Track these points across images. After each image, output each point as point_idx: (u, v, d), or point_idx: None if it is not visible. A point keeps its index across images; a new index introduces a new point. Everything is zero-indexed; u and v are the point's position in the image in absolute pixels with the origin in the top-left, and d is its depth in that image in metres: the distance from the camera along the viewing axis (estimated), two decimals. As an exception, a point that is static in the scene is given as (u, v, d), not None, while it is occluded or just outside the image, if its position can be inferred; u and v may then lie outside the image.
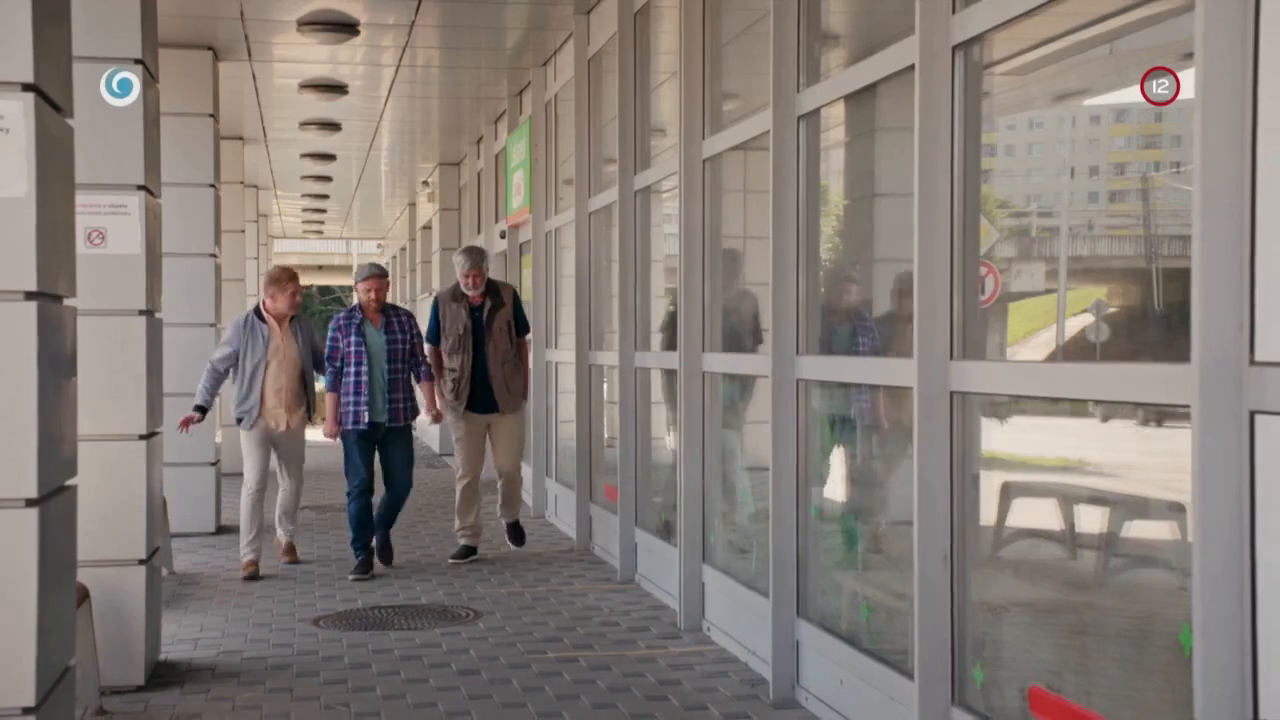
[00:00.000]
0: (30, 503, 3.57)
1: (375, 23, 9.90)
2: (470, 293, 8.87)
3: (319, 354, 8.59)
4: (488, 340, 8.80)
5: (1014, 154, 4.65)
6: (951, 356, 4.25)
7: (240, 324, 8.48)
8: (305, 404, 8.58)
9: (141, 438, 5.91)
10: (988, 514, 4.37)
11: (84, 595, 5.34)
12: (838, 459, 5.76)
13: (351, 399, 8.40)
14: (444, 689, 5.81)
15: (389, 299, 8.83)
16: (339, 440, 8.58)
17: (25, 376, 3.57)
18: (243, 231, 15.33)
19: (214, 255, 10.51)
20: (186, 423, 8.21)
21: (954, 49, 4.20)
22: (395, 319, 8.58)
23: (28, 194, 3.57)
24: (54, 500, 3.76)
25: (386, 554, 8.81)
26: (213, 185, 10.55)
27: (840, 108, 5.52)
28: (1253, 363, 2.86)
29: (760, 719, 5.34)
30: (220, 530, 10.35)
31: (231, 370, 8.47)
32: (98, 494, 5.38)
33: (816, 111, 5.51)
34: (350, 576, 8.40)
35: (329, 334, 8.53)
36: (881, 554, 5.34)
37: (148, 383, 5.95)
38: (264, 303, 8.56)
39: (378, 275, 8.67)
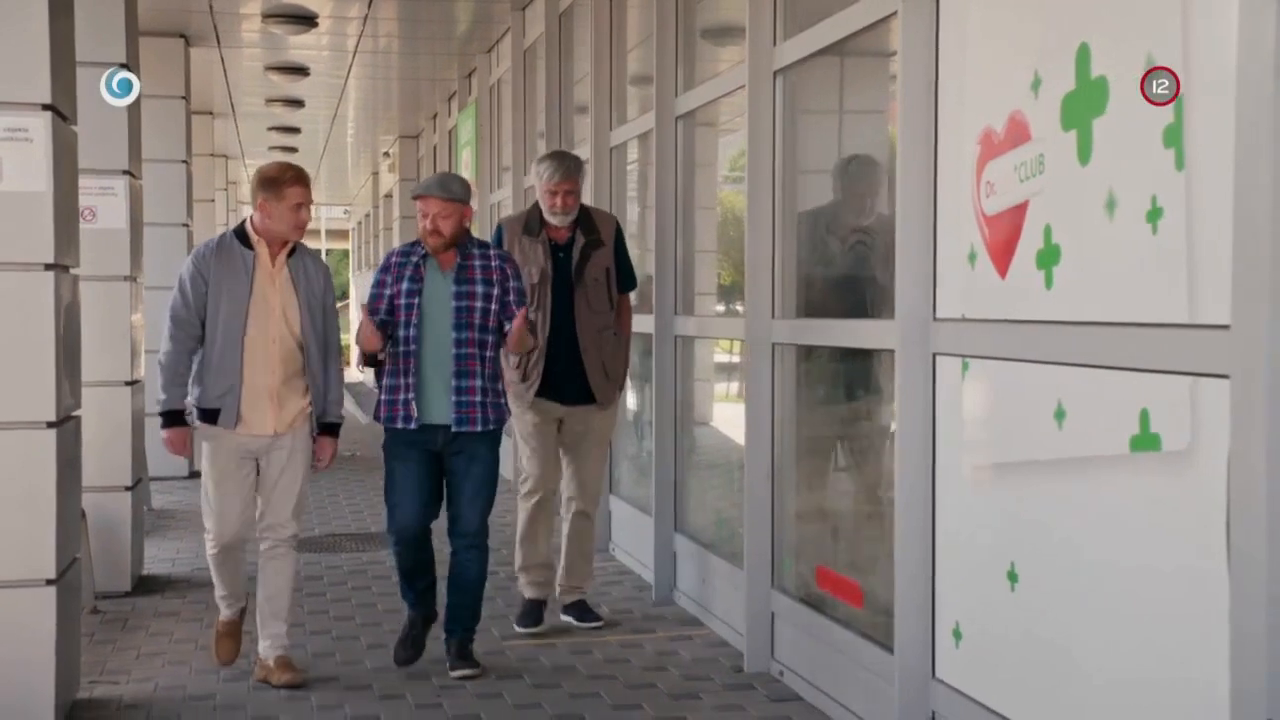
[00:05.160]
0: (50, 424, 4.69)
1: (334, 15, 10.91)
2: (555, 220, 5.87)
3: (331, 316, 5.25)
4: (577, 295, 5.87)
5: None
6: (773, 315, 5.37)
7: (209, 253, 5.09)
8: (306, 397, 5.17)
9: (127, 384, 7.02)
10: (803, 444, 5.51)
11: (81, 514, 6.40)
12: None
13: (397, 384, 5.25)
14: (384, 594, 6.93)
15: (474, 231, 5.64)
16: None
17: (45, 329, 4.68)
18: (213, 200, 16.28)
19: (186, 225, 11.51)
20: (177, 445, 5.23)
21: (775, 73, 5.30)
22: (481, 261, 5.32)
23: (46, 188, 4.66)
24: (66, 425, 4.87)
25: (464, 660, 5.41)
26: (185, 161, 11.52)
27: (710, 108, 6.64)
28: (935, 319, 4.00)
29: (641, 614, 6.48)
30: (193, 475, 11.37)
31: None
32: (92, 430, 6.23)
33: (691, 113, 6.61)
34: (395, 658, 5.52)
35: (375, 273, 5.43)
36: (732, 477, 6.48)
37: (131, 337, 7.05)
38: (252, 219, 5.16)
39: (435, 195, 5.22)
